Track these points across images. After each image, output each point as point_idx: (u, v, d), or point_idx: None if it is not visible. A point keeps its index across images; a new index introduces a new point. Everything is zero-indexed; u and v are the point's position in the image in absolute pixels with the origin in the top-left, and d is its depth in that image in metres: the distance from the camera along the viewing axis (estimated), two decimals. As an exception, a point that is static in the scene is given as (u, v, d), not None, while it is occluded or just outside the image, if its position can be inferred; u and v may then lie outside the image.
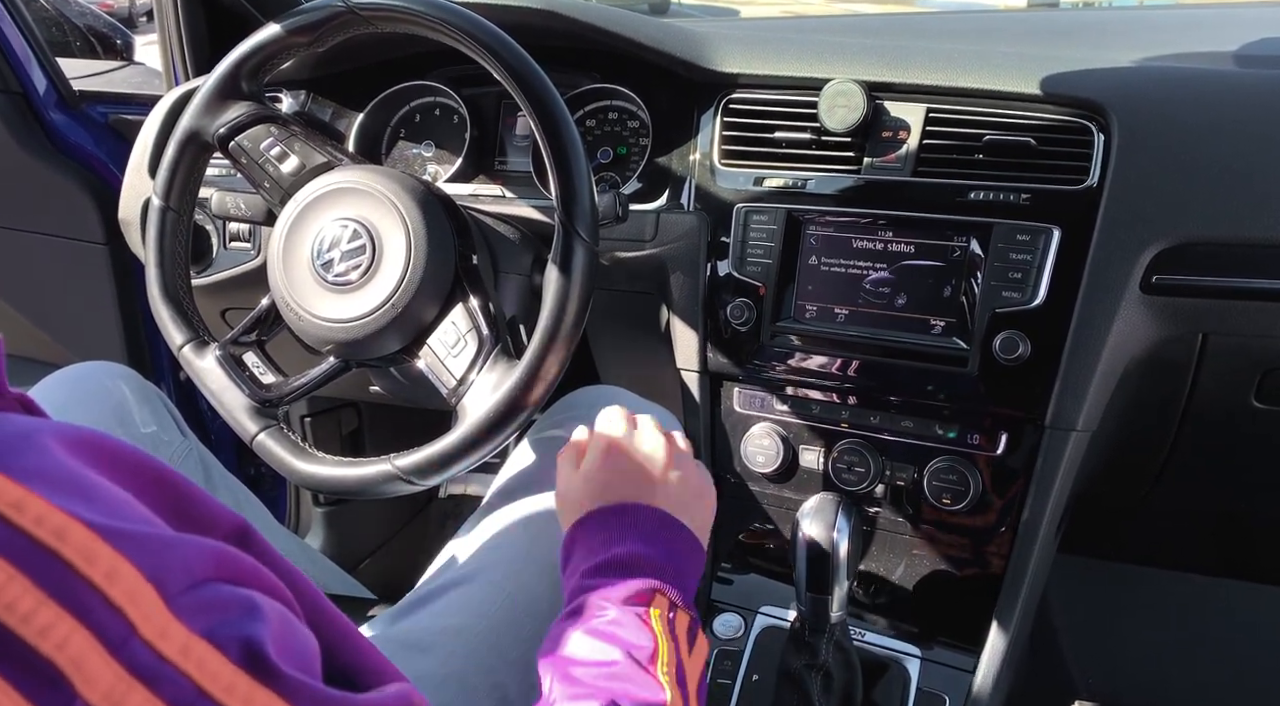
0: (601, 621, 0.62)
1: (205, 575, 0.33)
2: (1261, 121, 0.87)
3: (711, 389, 1.08)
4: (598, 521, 0.70)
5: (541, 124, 0.84)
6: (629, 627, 0.61)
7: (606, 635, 0.61)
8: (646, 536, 0.68)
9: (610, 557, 0.67)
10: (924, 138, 0.98)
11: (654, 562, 0.66)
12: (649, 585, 0.64)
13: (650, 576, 0.65)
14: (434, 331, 0.91)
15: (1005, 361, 0.90)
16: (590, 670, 0.59)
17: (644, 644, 0.61)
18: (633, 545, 0.67)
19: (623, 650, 0.60)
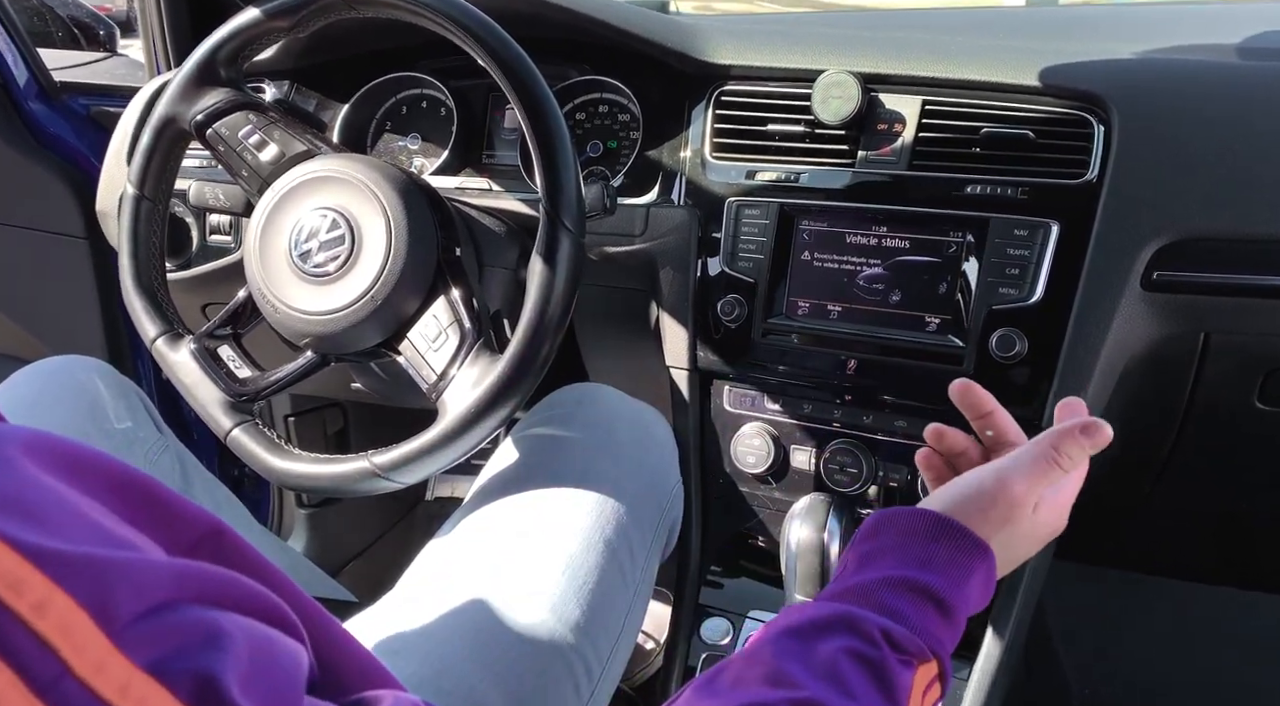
0: (858, 649, 0.52)
1: (163, 597, 0.30)
2: (1266, 115, 0.85)
3: (701, 387, 1.05)
4: (961, 541, 0.58)
5: (526, 110, 0.81)
6: (883, 680, 0.51)
7: (850, 674, 0.50)
8: (980, 587, 0.58)
9: (934, 586, 0.55)
10: (920, 131, 0.95)
11: (961, 620, 0.56)
12: (931, 646, 0.54)
13: (944, 638, 0.55)
14: (415, 325, 0.88)
15: (1002, 359, 0.88)
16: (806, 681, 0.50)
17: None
18: (965, 594, 0.56)
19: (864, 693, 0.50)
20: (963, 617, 0.57)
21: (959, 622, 0.56)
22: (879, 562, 0.58)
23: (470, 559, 0.84)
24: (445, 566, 0.85)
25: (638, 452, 0.95)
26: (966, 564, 0.57)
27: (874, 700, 0.50)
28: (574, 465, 0.89)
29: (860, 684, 0.50)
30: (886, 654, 0.52)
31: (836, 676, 0.50)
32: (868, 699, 0.50)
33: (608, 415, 0.96)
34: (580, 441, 0.92)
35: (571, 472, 0.89)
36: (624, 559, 0.86)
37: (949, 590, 0.56)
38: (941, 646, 0.55)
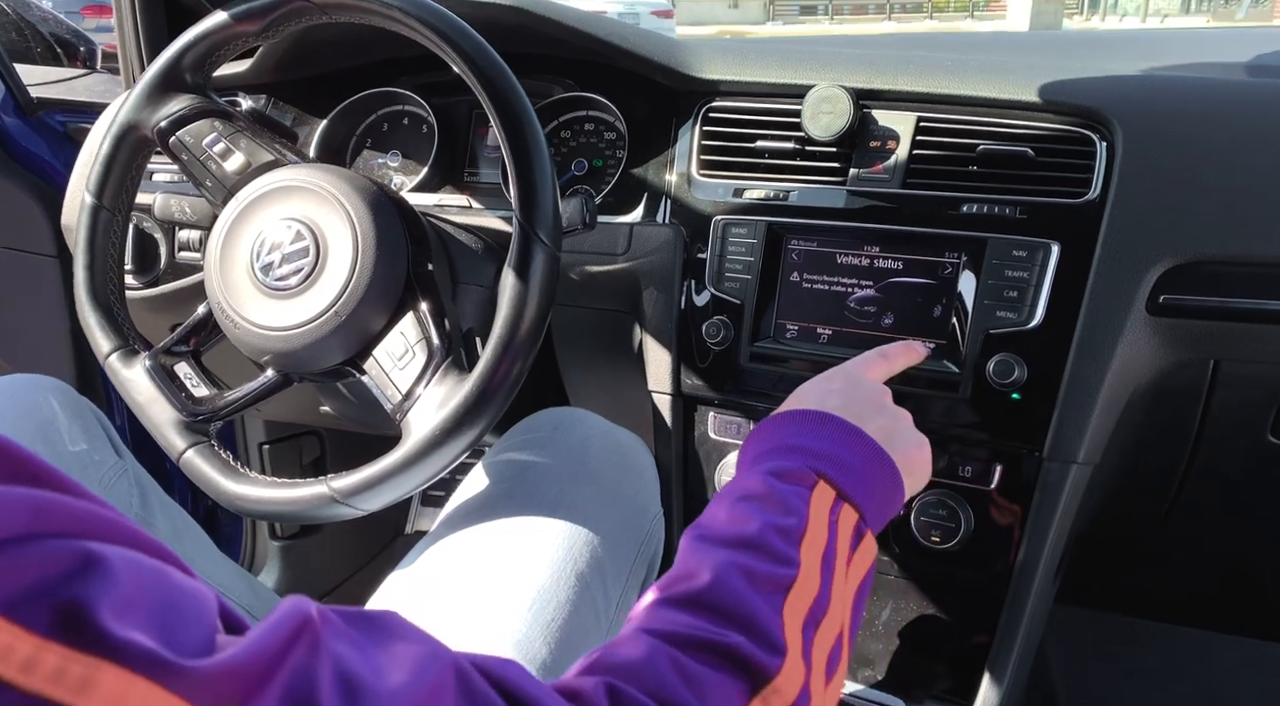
0: (748, 492, 0.59)
1: (16, 530, 0.27)
2: (1275, 133, 0.81)
3: (685, 413, 1.01)
4: (795, 419, 0.66)
5: (500, 117, 0.77)
6: (776, 500, 0.58)
7: (749, 507, 0.57)
8: (831, 438, 0.64)
9: (786, 444, 0.63)
10: (914, 147, 0.91)
11: (836, 459, 0.62)
12: (815, 467, 0.60)
13: (824, 467, 0.61)
14: (381, 342, 0.84)
15: (999, 386, 0.83)
16: (717, 538, 0.56)
17: (788, 520, 0.56)
18: (812, 440, 0.63)
19: (762, 521, 0.56)
20: (843, 456, 0.62)
21: (843, 457, 0.62)
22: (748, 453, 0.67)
23: (431, 593, 0.79)
24: (404, 601, 0.79)
25: (615, 481, 0.90)
26: (818, 422, 0.65)
27: (770, 518, 0.56)
28: (546, 493, 0.84)
29: (754, 510, 0.57)
30: (774, 484, 0.59)
31: (736, 519, 0.57)
32: (764, 518, 0.56)
33: (584, 441, 0.91)
34: (554, 468, 0.87)
35: (543, 501, 0.84)
36: (597, 593, 0.80)
37: (806, 438, 0.63)
38: (830, 469, 0.60)
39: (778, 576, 0.53)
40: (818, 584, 0.55)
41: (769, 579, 0.53)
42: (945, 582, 0.90)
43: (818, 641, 0.53)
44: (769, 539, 0.55)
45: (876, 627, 0.92)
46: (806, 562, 0.55)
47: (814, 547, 0.56)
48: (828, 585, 0.55)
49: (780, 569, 0.54)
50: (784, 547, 0.55)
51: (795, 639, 0.52)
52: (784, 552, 0.55)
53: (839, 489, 0.60)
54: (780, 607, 0.52)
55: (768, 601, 0.52)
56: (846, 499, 0.60)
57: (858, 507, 0.61)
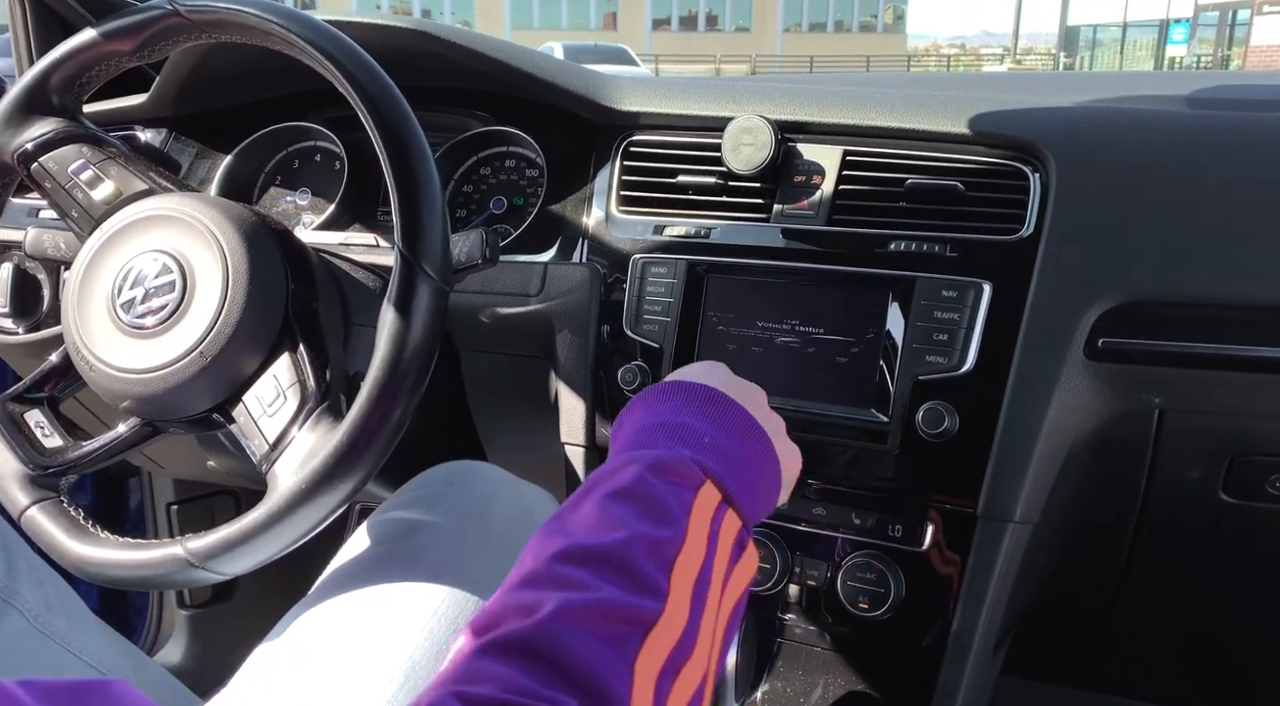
0: (620, 487, 0.50)
1: None
2: (1220, 165, 0.76)
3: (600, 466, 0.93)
4: (669, 391, 0.59)
5: (380, 132, 0.71)
6: (653, 503, 0.49)
7: (619, 509, 0.49)
8: (724, 425, 0.56)
9: (667, 422, 0.56)
10: (840, 182, 0.86)
11: (721, 449, 0.54)
12: (702, 463, 0.52)
13: (709, 458, 0.53)
14: (252, 387, 0.76)
15: (929, 437, 0.76)
16: (574, 550, 0.47)
17: (664, 533, 0.48)
18: (702, 423, 0.56)
19: (631, 531, 0.47)
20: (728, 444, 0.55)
21: (727, 450, 0.55)
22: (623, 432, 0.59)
23: (295, 667, 0.70)
24: (267, 674, 0.70)
25: (516, 541, 0.81)
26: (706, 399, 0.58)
27: (642, 525, 0.48)
28: (433, 556, 0.76)
29: (627, 514, 0.48)
30: (648, 480, 0.50)
31: (601, 519, 0.48)
32: (635, 525, 0.48)
33: (483, 497, 0.83)
34: (445, 527, 0.79)
35: (429, 564, 0.75)
36: (484, 668, 0.72)
37: (692, 418, 0.56)
38: (716, 467, 0.53)
39: (637, 612, 0.45)
40: (685, 619, 0.46)
41: (626, 616, 0.44)
42: (876, 655, 0.82)
43: (674, 696, 0.44)
44: (636, 559, 0.46)
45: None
46: (676, 591, 0.46)
47: (688, 569, 0.48)
48: (696, 620, 0.47)
49: (643, 601, 0.45)
50: (652, 571, 0.46)
51: (644, 697, 0.43)
52: (651, 579, 0.46)
53: (725, 491, 0.52)
54: (634, 655, 0.43)
55: (618, 651, 0.43)
56: (732, 503, 0.53)
57: (742, 514, 0.53)
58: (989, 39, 63.59)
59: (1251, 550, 0.88)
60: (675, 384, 0.60)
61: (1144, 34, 25.57)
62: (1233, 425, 0.77)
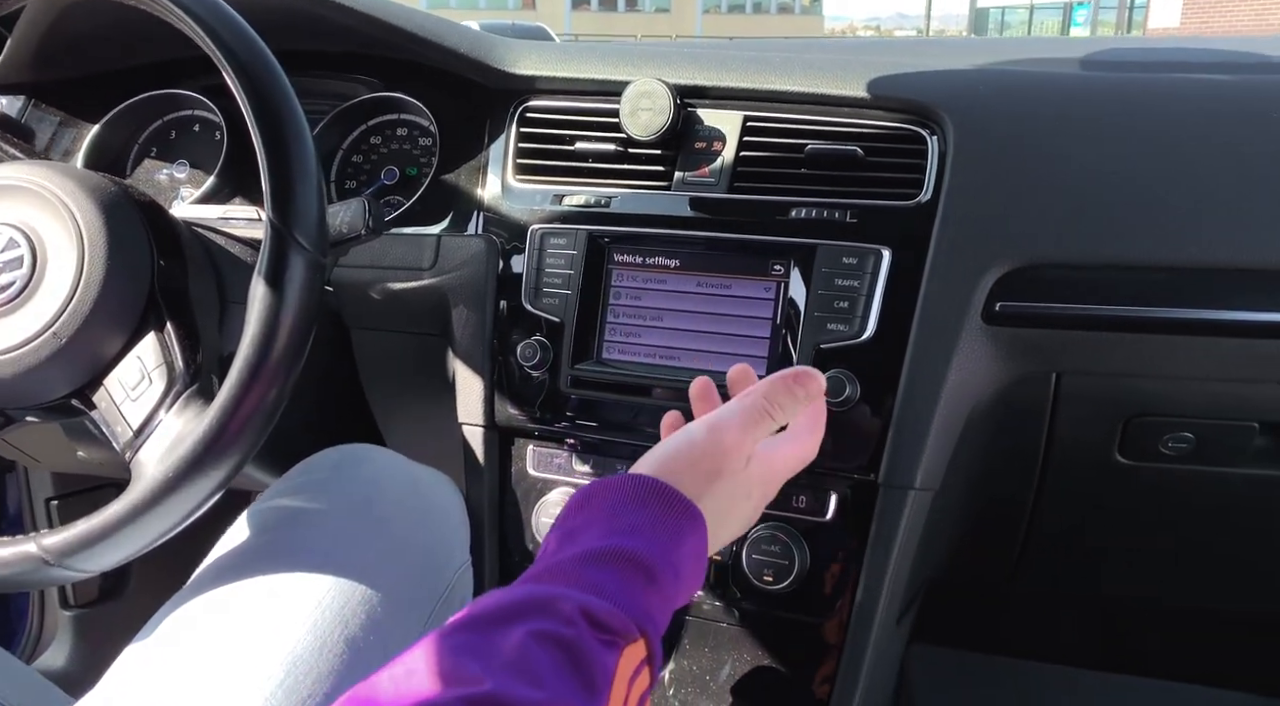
0: (551, 630, 0.45)
1: None
2: (1117, 127, 0.76)
3: (500, 447, 0.89)
4: (636, 495, 0.55)
5: (246, 93, 0.66)
6: (581, 664, 0.45)
7: (544, 657, 0.44)
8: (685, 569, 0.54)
9: (639, 552, 0.51)
10: (741, 148, 0.84)
11: (671, 594, 0.52)
12: (638, 621, 0.49)
13: (649, 625, 0.49)
14: (114, 369, 0.71)
15: (831, 406, 0.75)
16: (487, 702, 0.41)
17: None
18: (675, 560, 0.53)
19: (551, 696, 0.42)
20: (674, 591, 0.53)
21: (671, 596, 0.52)
22: (582, 537, 0.53)
23: (170, 666, 0.65)
24: (138, 674, 0.65)
25: (408, 527, 0.78)
26: (675, 527, 0.54)
27: (567, 687, 0.43)
28: (317, 545, 0.72)
29: (550, 669, 0.43)
30: (583, 633, 0.46)
31: (522, 664, 0.43)
32: (558, 686, 0.43)
33: (372, 482, 0.79)
34: (331, 515, 0.74)
35: (313, 554, 0.71)
36: (375, 661, 0.68)
37: (656, 556, 0.52)
38: (650, 622, 0.50)
39: None
40: None
41: None
42: (783, 628, 0.81)
43: None
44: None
45: (709, 686, 0.82)
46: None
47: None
48: None
49: None
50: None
51: None
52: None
53: (650, 651, 0.50)
54: None
55: None
56: (650, 663, 0.50)
57: (654, 673, 0.51)
58: (903, 21, 64.73)
59: (1147, 510, 0.90)
60: (652, 487, 0.56)
61: (1050, 16, 26.37)
62: (1128, 387, 0.77)
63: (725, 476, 0.59)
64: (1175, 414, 0.78)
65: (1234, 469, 0.81)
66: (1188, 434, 0.79)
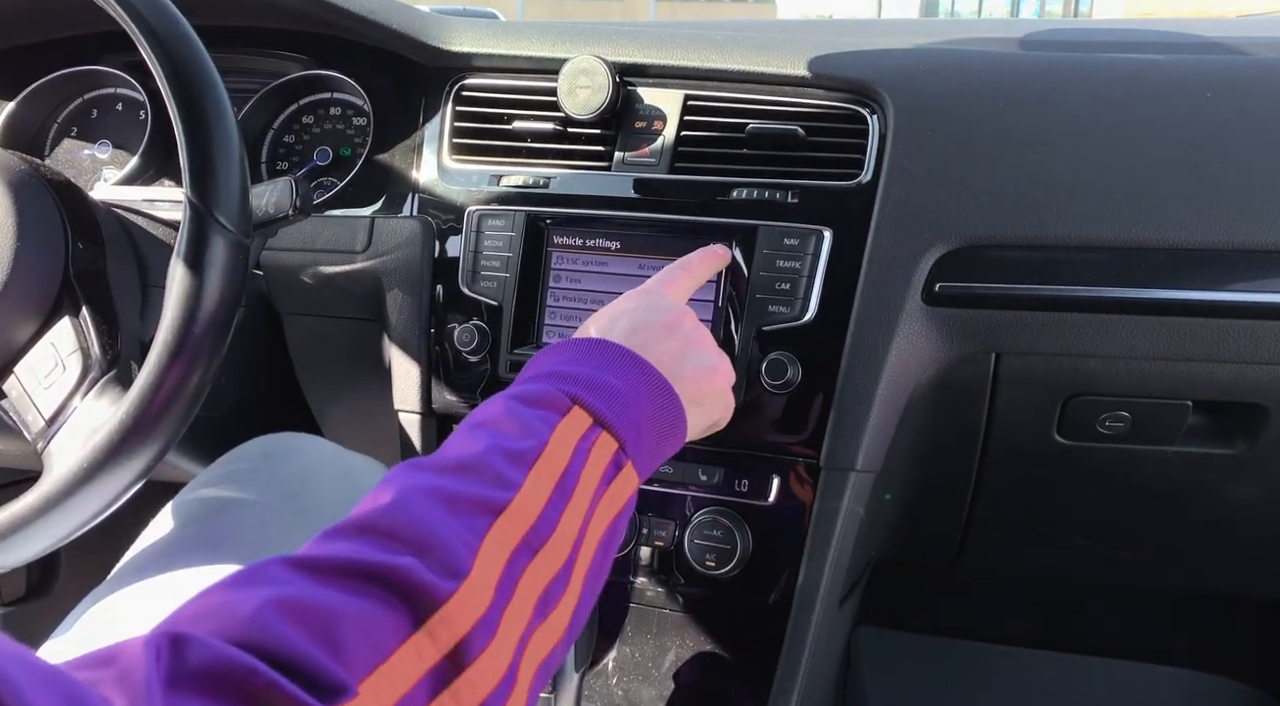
0: (482, 417, 0.50)
1: None
2: (1057, 105, 0.75)
3: (438, 434, 0.87)
4: (566, 347, 0.57)
5: (162, 66, 0.62)
6: (514, 424, 0.49)
7: (479, 432, 0.48)
8: (610, 368, 0.55)
9: (548, 371, 0.54)
10: (682, 128, 0.83)
11: (596, 383, 0.53)
12: (569, 392, 0.51)
13: (580, 392, 0.52)
14: (25, 356, 0.67)
15: (773, 388, 0.74)
16: (428, 465, 0.46)
17: (522, 443, 0.47)
18: (585, 369, 0.54)
19: (489, 444, 0.47)
20: (606, 381, 0.54)
21: (606, 383, 0.53)
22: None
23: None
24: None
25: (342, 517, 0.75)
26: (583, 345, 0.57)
27: (503, 436, 0.47)
28: (244, 536, 0.69)
29: (487, 433, 0.48)
30: (517, 408, 0.50)
31: (460, 442, 0.48)
32: (495, 437, 0.47)
33: (302, 471, 0.76)
34: (259, 505, 0.72)
35: (241, 546, 0.68)
36: (303, 655, 0.66)
37: (572, 364, 0.54)
38: (585, 393, 0.51)
39: (488, 498, 0.44)
40: (540, 508, 0.45)
41: (475, 501, 0.44)
42: (726, 613, 0.80)
43: (529, 571, 0.43)
44: (491, 460, 0.46)
45: (652, 673, 0.81)
46: (532, 485, 0.46)
47: (548, 472, 0.47)
48: (556, 512, 0.46)
49: (494, 490, 0.45)
50: (507, 469, 0.46)
51: (492, 565, 0.41)
52: (505, 475, 0.46)
53: (596, 415, 0.51)
54: (483, 531, 0.43)
55: (464, 523, 0.42)
56: (605, 426, 0.51)
57: (617, 436, 0.52)
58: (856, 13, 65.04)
59: (1086, 490, 0.91)
60: (564, 342, 0.59)
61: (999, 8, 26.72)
62: (1066, 367, 0.77)
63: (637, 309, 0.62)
64: (1112, 393, 0.78)
65: (1169, 447, 0.82)
66: (1124, 413, 0.79)
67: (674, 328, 0.62)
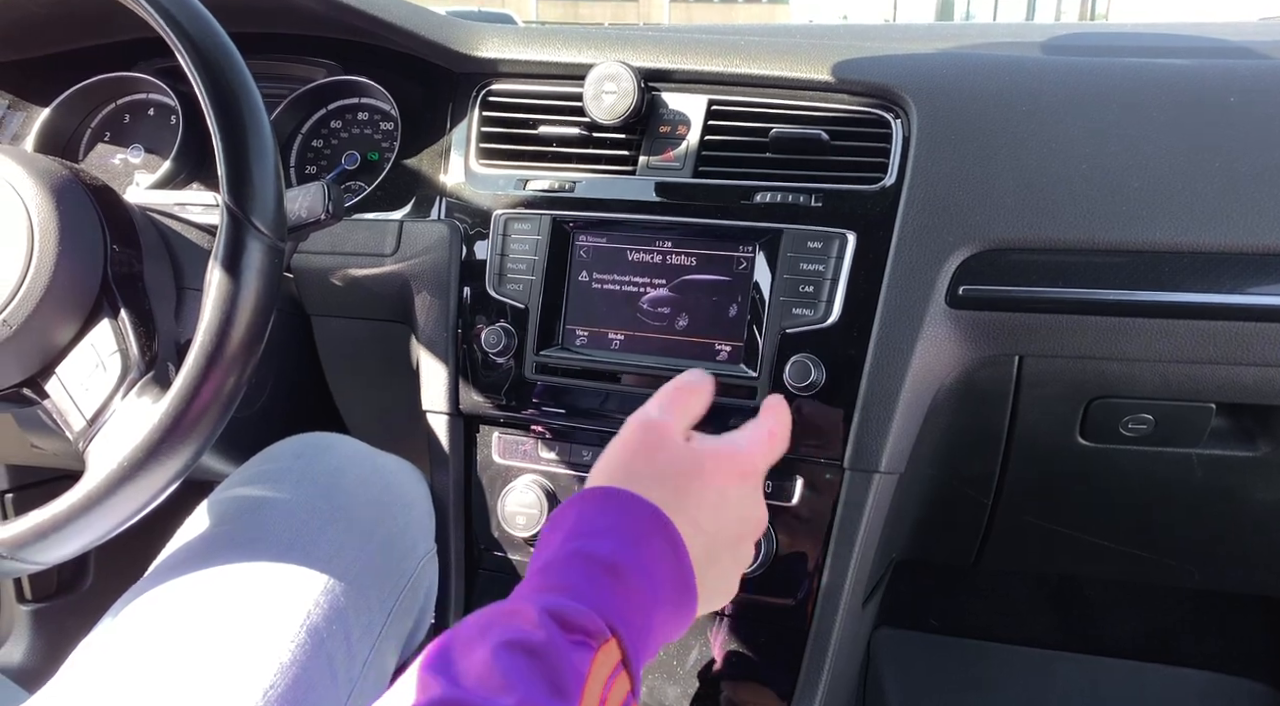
0: (518, 638, 0.45)
1: None
2: (1075, 110, 0.76)
3: (466, 435, 0.89)
4: (606, 503, 0.55)
5: (200, 74, 0.64)
6: (549, 666, 0.44)
7: (514, 664, 0.43)
8: (661, 583, 0.52)
9: (599, 552, 0.51)
10: (706, 133, 0.84)
11: (641, 608, 0.50)
12: (612, 622, 0.48)
13: (621, 625, 0.48)
14: (66, 357, 0.69)
15: (797, 391, 0.75)
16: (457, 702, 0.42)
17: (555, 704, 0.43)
18: (638, 570, 0.51)
19: (520, 700, 0.42)
20: (644, 585, 0.51)
21: (647, 598, 0.51)
22: (543, 552, 0.54)
23: (125, 661, 0.64)
24: (98, 665, 0.64)
25: (372, 516, 0.77)
26: (637, 524, 0.54)
27: (537, 689, 0.43)
28: (279, 534, 0.71)
29: (518, 673, 0.43)
30: (554, 635, 0.45)
31: (488, 673, 0.43)
32: (528, 688, 0.42)
33: (335, 470, 0.77)
34: (292, 504, 0.73)
35: (274, 544, 0.70)
36: (336, 651, 0.67)
37: (620, 552, 0.51)
38: (623, 622, 0.49)
39: None
40: None
41: None
42: (750, 613, 0.81)
43: None
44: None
45: (677, 671, 0.82)
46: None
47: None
48: None
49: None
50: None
51: None
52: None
53: (625, 654, 0.48)
54: None
55: None
56: (628, 667, 0.48)
57: (633, 677, 0.49)
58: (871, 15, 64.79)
59: (1107, 492, 0.91)
60: (612, 495, 0.56)
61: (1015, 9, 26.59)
62: (1089, 369, 0.78)
63: (678, 467, 0.59)
64: (1135, 396, 0.78)
65: (1192, 449, 0.82)
66: (1147, 415, 0.80)
67: (742, 539, 0.61)
